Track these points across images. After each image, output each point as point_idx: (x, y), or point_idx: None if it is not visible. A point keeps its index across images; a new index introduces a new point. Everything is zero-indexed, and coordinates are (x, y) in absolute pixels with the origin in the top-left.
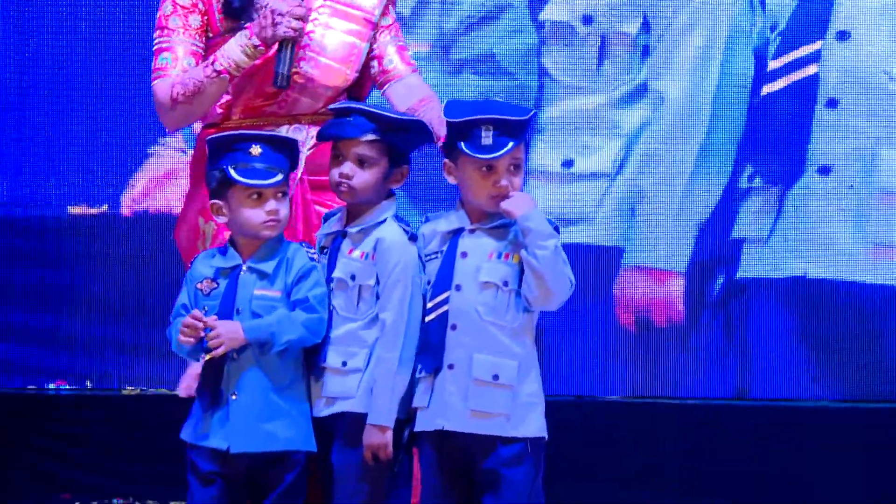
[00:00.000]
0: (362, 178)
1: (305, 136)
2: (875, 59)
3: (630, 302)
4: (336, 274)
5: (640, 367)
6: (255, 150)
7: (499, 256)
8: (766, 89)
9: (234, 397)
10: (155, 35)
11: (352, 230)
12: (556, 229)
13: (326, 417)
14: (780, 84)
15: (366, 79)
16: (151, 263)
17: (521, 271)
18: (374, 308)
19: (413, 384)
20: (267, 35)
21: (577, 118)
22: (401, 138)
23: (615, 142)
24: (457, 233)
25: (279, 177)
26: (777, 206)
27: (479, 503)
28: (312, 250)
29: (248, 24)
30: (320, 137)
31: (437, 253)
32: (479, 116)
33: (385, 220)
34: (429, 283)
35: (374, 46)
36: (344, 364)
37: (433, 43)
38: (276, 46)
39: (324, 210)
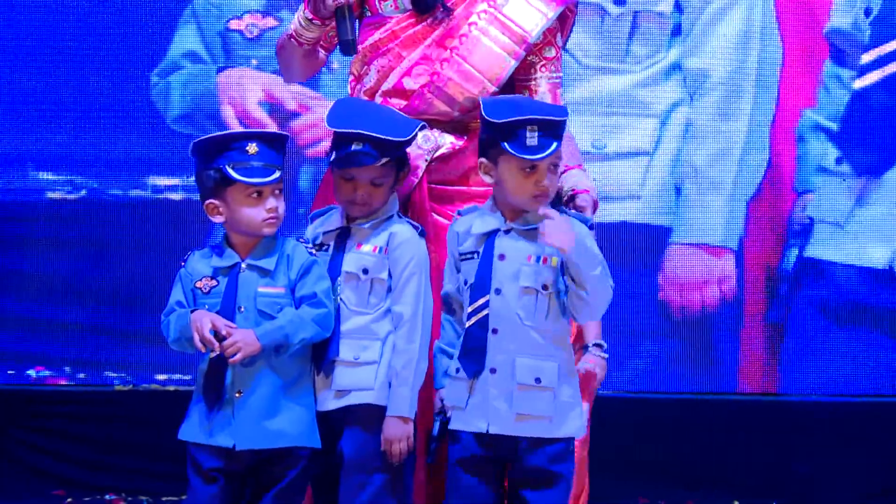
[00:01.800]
0: (378, 196)
1: (434, 143)
2: None
3: (678, 281)
4: (346, 268)
5: (692, 356)
6: (252, 148)
7: (537, 260)
8: (859, 83)
9: (238, 395)
10: None
11: (358, 227)
12: (591, 226)
13: (335, 410)
14: (874, 76)
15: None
16: (135, 250)
17: (559, 274)
18: (385, 301)
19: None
20: (319, 10)
21: (608, 98)
22: (404, 150)
23: (649, 121)
24: (492, 233)
25: (277, 174)
26: (858, 194)
27: (520, 499)
28: (310, 245)
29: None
30: (335, 165)
31: (473, 253)
32: (524, 117)
33: (393, 216)
34: (465, 282)
35: (533, 77)
36: (356, 358)
37: None
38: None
39: (444, 221)
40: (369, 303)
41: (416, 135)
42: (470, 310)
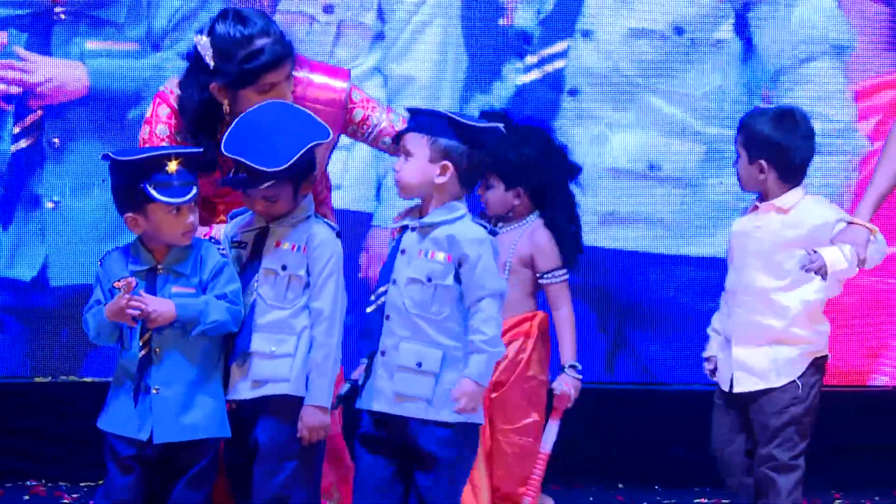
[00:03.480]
0: (277, 207)
1: None
2: (611, 56)
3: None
4: (266, 265)
5: None
6: (172, 166)
7: (425, 254)
8: (521, 79)
9: (155, 391)
10: None
11: (277, 226)
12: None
13: (248, 400)
14: (533, 75)
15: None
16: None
17: (445, 269)
18: (302, 298)
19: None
20: None
21: None
22: (294, 168)
23: None
24: (405, 229)
25: (194, 191)
26: None
27: (412, 478)
28: (221, 246)
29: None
30: (228, 184)
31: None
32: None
33: (310, 217)
34: None
35: (369, 129)
36: (272, 351)
37: (140, 41)
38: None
39: None
40: (286, 298)
41: (294, 161)
42: (372, 297)
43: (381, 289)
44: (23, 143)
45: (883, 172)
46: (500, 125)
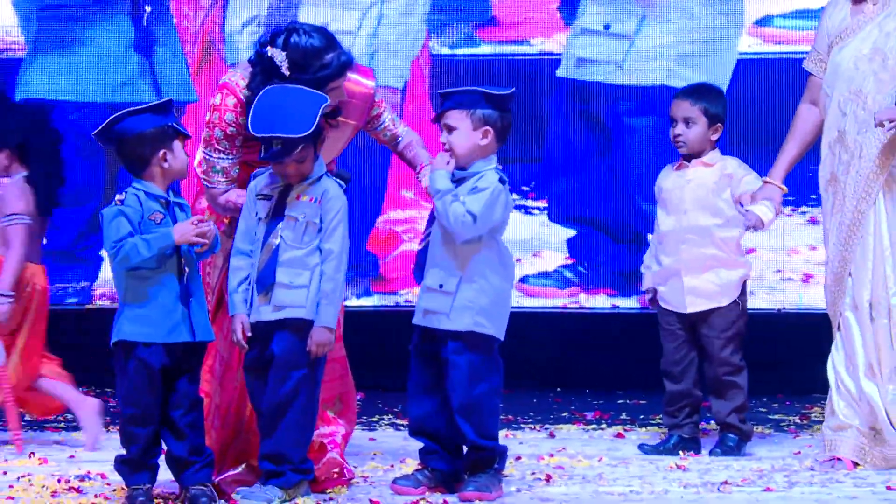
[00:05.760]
0: (303, 167)
1: None
2: None
3: None
4: (288, 213)
5: None
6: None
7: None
8: None
9: (190, 298)
10: (206, 147)
11: (300, 183)
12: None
13: (268, 321)
14: None
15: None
16: None
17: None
18: (315, 240)
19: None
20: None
21: None
22: (316, 129)
23: None
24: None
25: None
26: None
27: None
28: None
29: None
30: (267, 158)
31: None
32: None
33: (324, 175)
34: None
35: (380, 124)
36: (291, 282)
37: None
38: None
39: None
40: (303, 241)
41: (318, 122)
42: (423, 236)
43: (431, 228)
44: None
45: (793, 141)
46: (513, 89)
